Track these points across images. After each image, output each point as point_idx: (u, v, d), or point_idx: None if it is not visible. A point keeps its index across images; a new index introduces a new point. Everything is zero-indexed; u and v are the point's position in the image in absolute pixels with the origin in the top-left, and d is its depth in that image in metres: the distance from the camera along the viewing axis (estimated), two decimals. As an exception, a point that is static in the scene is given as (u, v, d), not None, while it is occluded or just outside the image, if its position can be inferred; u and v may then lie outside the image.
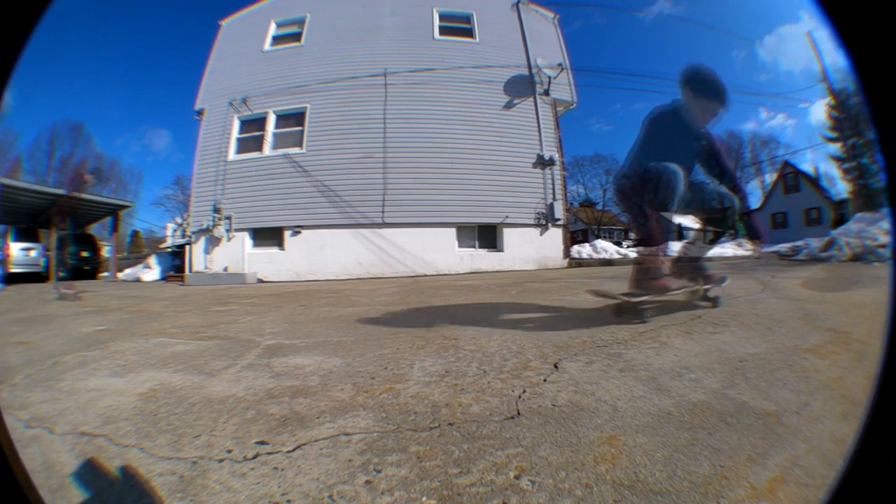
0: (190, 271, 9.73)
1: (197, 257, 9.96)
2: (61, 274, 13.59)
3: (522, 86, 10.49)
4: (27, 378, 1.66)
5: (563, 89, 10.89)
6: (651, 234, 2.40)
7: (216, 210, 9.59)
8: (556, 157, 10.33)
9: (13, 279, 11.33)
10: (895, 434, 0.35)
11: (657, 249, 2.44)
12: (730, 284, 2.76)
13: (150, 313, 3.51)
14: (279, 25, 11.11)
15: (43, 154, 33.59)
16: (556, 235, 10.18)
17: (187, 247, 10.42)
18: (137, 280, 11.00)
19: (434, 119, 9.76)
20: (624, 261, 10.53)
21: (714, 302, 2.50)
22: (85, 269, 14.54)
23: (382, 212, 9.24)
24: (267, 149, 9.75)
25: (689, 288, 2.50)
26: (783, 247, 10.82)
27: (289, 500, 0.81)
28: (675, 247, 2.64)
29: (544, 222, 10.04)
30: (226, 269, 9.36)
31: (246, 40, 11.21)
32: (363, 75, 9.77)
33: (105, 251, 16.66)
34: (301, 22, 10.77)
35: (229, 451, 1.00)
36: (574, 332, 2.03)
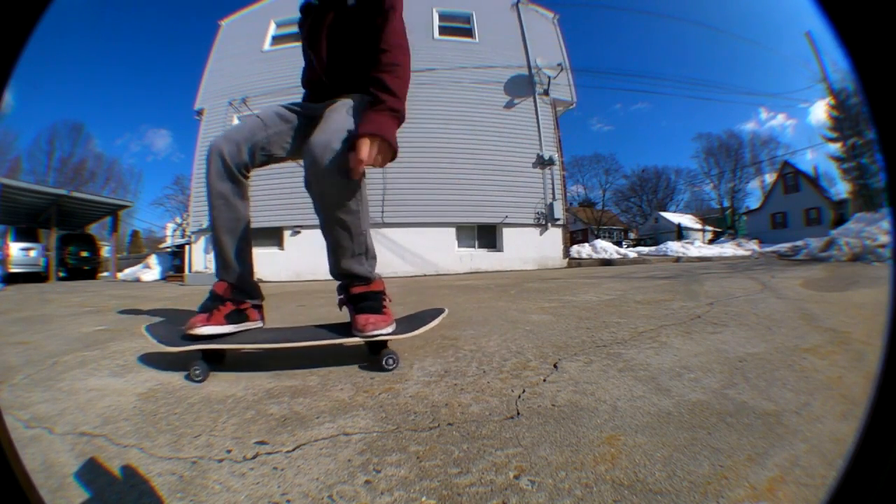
0: (190, 271, 9.74)
1: (197, 257, 9.96)
2: (61, 274, 13.61)
3: (522, 86, 10.50)
4: (27, 378, 1.65)
5: (563, 89, 10.90)
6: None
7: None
8: (556, 157, 10.34)
9: (13, 279, 11.33)
10: (895, 434, 0.35)
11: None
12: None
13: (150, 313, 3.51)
14: (279, 25, 11.11)
15: (43, 154, 33.63)
16: (555, 235, 10.19)
17: (187, 247, 10.43)
18: (137, 280, 11.00)
19: (434, 119, 9.76)
20: (624, 260, 10.54)
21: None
22: (84, 269, 14.56)
23: (382, 211, 9.24)
24: (267, 149, 9.74)
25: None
26: (783, 247, 10.85)
27: (288, 500, 0.81)
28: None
29: (544, 222, 10.04)
30: (225, 268, 9.35)
31: (246, 40, 11.21)
32: (363, 75, 9.76)
33: (105, 251, 16.69)
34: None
35: (229, 451, 1.00)
36: (573, 332, 2.03)
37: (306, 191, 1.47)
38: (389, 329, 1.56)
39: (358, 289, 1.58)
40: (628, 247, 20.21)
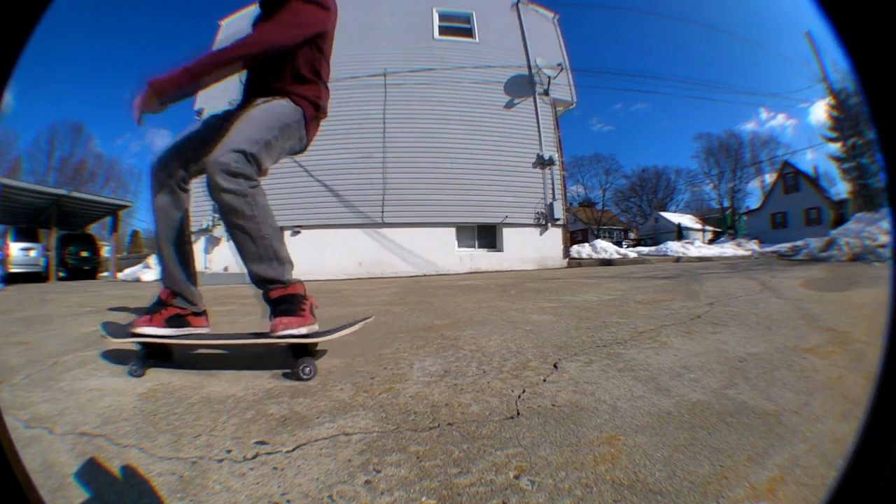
0: (190, 271, 9.71)
1: (196, 257, 9.93)
2: (61, 274, 13.61)
3: (522, 86, 10.49)
4: (27, 378, 1.65)
5: (563, 89, 10.89)
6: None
7: (216, 210, 9.57)
8: (556, 157, 10.33)
9: (13, 279, 11.32)
10: (895, 434, 0.35)
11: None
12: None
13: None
14: (279, 25, 11.07)
15: (43, 154, 33.60)
16: (555, 235, 10.19)
17: (187, 247, 10.39)
18: (137, 280, 11.00)
19: (434, 119, 9.76)
20: (624, 260, 10.54)
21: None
22: (84, 269, 14.55)
23: (382, 212, 9.24)
24: (267, 148, 9.73)
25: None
26: (783, 247, 10.85)
27: (288, 500, 0.81)
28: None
29: (544, 222, 10.04)
30: (225, 268, 9.35)
31: (246, 40, 11.17)
32: (363, 75, 9.77)
33: (105, 251, 16.68)
34: (301, 22, 10.75)
35: (229, 451, 1.00)
36: (573, 333, 2.03)
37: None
38: (303, 330, 1.55)
39: (275, 292, 1.59)
40: (628, 247, 20.21)
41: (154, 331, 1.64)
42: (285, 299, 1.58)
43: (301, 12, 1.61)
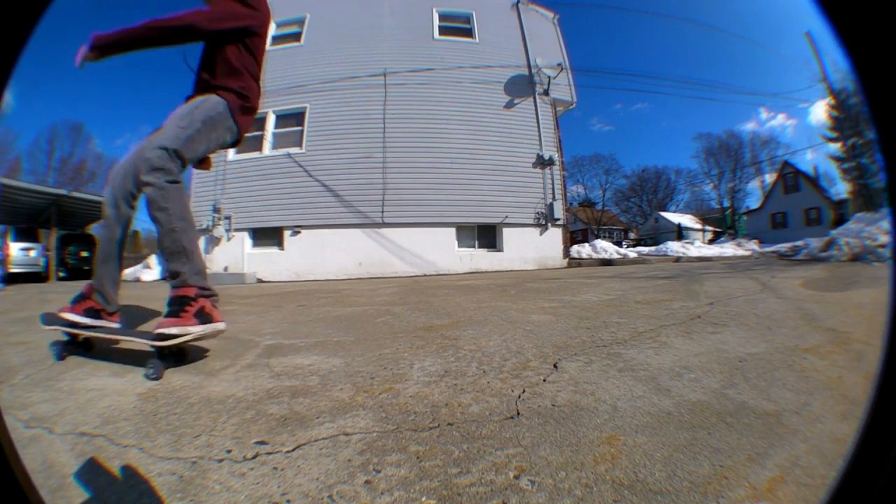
0: (190, 271, 9.70)
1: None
2: (61, 274, 13.60)
3: (522, 86, 10.49)
4: (27, 378, 1.65)
5: (563, 89, 10.89)
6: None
7: (216, 210, 9.58)
8: (556, 156, 10.33)
9: (13, 279, 11.31)
10: (895, 434, 0.35)
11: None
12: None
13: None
14: (279, 25, 11.08)
15: (43, 154, 33.56)
16: (555, 235, 10.18)
17: (187, 247, 10.39)
18: (137, 280, 10.98)
19: (434, 119, 9.75)
20: (624, 260, 10.54)
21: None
22: (84, 269, 14.54)
23: (382, 212, 9.23)
24: (267, 148, 9.75)
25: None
26: (783, 247, 10.84)
27: (288, 500, 0.81)
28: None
29: (544, 222, 10.04)
30: (226, 268, 9.36)
31: (246, 40, 11.16)
32: (363, 75, 9.76)
33: (105, 251, 16.64)
34: (301, 22, 10.77)
35: (229, 451, 1.00)
36: (573, 333, 2.03)
37: None
38: (173, 330, 1.61)
39: (173, 292, 1.70)
40: (628, 247, 20.21)
41: (73, 318, 1.86)
42: (177, 300, 1.69)
43: (226, 6, 1.84)
